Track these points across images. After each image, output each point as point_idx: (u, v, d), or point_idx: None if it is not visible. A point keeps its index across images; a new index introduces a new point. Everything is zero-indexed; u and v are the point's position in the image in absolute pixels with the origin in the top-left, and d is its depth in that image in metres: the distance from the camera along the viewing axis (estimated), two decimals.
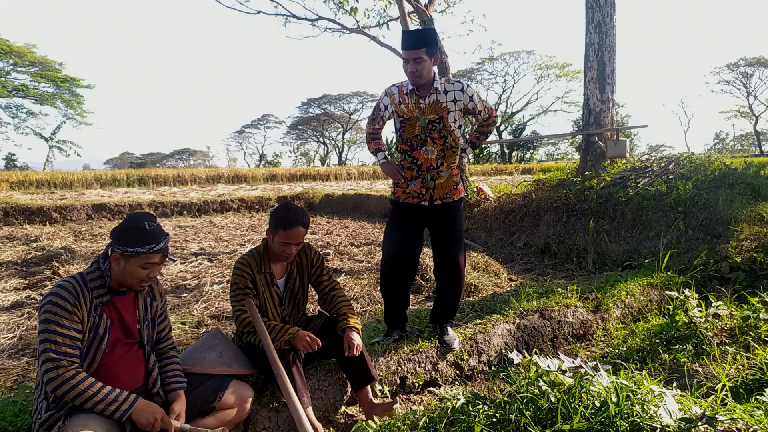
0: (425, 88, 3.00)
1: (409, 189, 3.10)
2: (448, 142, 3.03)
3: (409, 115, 3.03)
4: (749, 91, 43.43)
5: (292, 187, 19.46)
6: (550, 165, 26.30)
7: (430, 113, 2.99)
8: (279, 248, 2.58)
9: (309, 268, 2.80)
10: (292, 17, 12.24)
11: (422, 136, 3.02)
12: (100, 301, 1.98)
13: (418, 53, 2.85)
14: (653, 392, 1.88)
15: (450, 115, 3.00)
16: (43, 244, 7.69)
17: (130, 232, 1.97)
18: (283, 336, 2.48)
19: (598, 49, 7.66)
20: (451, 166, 3.09)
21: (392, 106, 3.08)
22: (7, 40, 29.55)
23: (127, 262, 1.97)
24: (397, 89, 3.08)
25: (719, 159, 7.15)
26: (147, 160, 67.49)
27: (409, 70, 2.91)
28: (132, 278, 2.00)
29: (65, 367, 1.81)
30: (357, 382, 2.64)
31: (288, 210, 2.61)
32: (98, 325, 1.95)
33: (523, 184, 8.77)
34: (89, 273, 2.00)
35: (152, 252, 1.97)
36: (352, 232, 9.42)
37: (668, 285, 4.41)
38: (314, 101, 54.76)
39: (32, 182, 18.53)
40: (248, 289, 2.59)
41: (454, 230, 3.14)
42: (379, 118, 3.22)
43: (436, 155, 3.03)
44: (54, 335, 1.83)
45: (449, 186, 3.10)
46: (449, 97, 2.99)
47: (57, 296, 1.87)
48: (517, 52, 43.20)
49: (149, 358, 2.12)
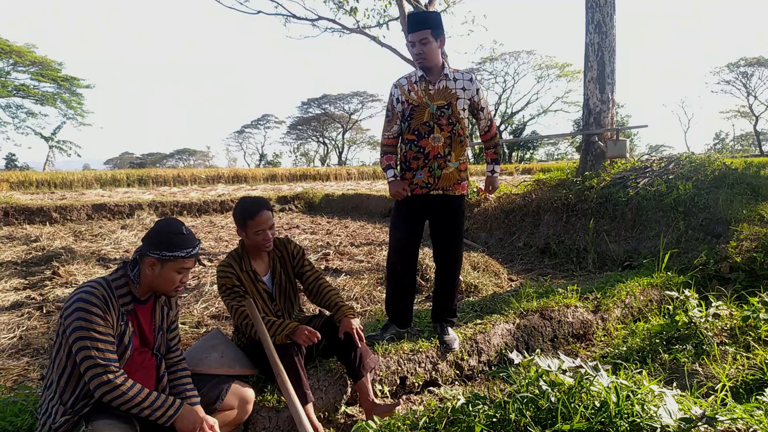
0: (435, 74, 2.99)
1: (415, 180, 3.08)
2: (456, 130, 3.02)
3: (418, 101, 3.01)
4: (749, 91, 43.48)
5: (292, 187, 19.46)
6: (550, 165, 26.30)
7: (439, 99, 2.98)
8: (255, 239, 2.61)
9: (291, 260, 2.84)
10: (292, 17, 12.25)
11: (431, 123, 3.00)
12: (125, 309, 1.97)
13: (423, 34, 2.85)
14: (653, 392, 1.88)
15: (459, 102, 3.00)
16: (43, 244, 7.69)
17: (168, 237, 1.96)
18: (283, 331, 2.49)
19: (598, 49, 7.66)
20: (459, 158, 3.07)
21: (403, 96, 3.05)
22: (7, 40, 29.58)
23: (164, 267, 1.97)
24: (405, 80, 3.07)
25: (719, 159, 7.14)
26: (147, 160, 67.50)
27: (415, 52, 2.91)
28: (167, 283, 2.00)
29: (114, 374, 1.82)
30: (356, 372, 2.61)
31: (246, 201, 2.68)
32: (124, 333, 1.94)
33: (523, 184, 8.77)
34: (114, 280, 1.97)
35: (189, 256, 1.99)
36: (352, 232, 9.42)
37: (668, 285, 4.41)
38: (314, 101, 54.80)
39: (32, 182, 18.54)
40: (236, 287, 2.61)
41: (456, 221, 3.14)
42: (395, 117, 3.13)
43: (443, 142, 3.01)
44: (95, 342, 1.81)
45: (454, 178, 3.08)
46: (458, 84, 3.00)
47: (88, 302, 1.85)
48: (517, 52, 43.27)
49: (160, 365, 2.13)
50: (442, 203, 3.11)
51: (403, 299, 3.24)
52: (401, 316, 3.26)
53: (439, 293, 3.28)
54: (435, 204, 3.11)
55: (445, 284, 3.25)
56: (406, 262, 3.19)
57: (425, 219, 3.20)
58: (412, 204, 3.13)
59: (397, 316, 3.26)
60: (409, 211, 3.15)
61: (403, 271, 3.19)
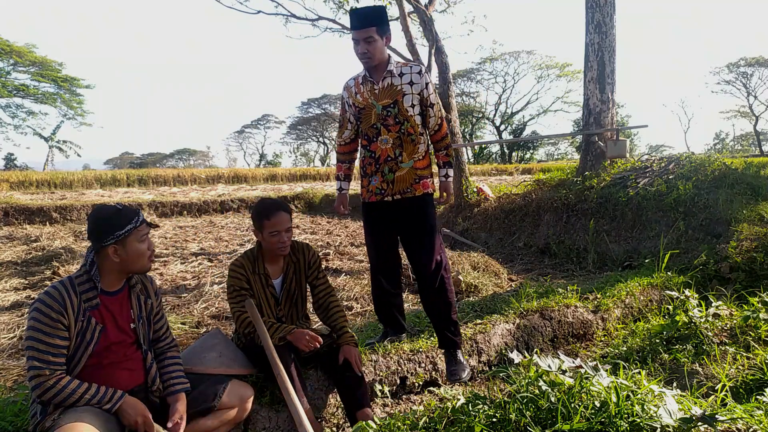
0: (378, 72, 2.79)
1: (370, 186, 2.89)
2: (405, 128, 2.79)
3: (364, 103, 2.82)
4: (749, 91, 43.46)
5: (292, 187, 19.45)
6: (550, 165, 26.30)
7: (384, 98, 2.77)
8: (271, 240, 2.56)
9: (306, 268, 2.76)
10: (292, 17, 12.27)
11: (377, 125, 2.80)
12: (88, 305, 1.97)
13: (368, 32, 2.67)
14: (653, 392, 1.88)
15: (406, 99, 2.77)
16: (43, 244, 7.69)
17: (111, 220, 1.97)
18: (279, 332, 2.48)
19: (598, 49, 7.66)
20: (413, 156, 2.83)
21: (350, 99, 2.89)
22: (7, 40, 29.58)
23: (126, 246, 1.97)
24: (353, 81, 2.90)
25: (719, 159, 7.14)
26: (147, 160, 67.51)
27: (360, 51, 2.72)
28: (139, 258, 2.01)
29: (47, 376, 1.84)
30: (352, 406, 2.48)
31: (264, 201, 2.64)
32: (85, 329, 1.94)
33: (523, 184, 8.77)
34: (78, 277, 2.00)
35: (141, 223, 2.01)
36: (352, 232, 9.42)
37: (668, 285, 4.41)
38: (314, 101, 54.79)
39: (32, 182, 18.53)
40: (244, 290, 2.59)
41: (421, 224, 2.87)
42: (346, 121, 2.99)
43: (392, 144, 2.79)
44: (37, 343, 1.85)
45: (409, 180, 2.83)
46: (405, 79, 2.78)
47: (42, 303, 1.88)
48: (517, 52, 43.25)
49: (146, 356, 2.12)
50: (401, 208, 2.87)
51: (391, 308, 3.13)
52: (394, 322, 3.17)
53: (430, 314, 2.99)
54: (394, 210, 2.88)
55: (432, 303, 2.93)
56: (387, 276, 3.05)
57: (392, 226, 2.95)
58: (373, 214, 2.96)
59: (390, 322, 3.17)
60: (374, 222, 2.97)
61: (387, 285, 3.05)
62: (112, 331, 2.02)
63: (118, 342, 2.04)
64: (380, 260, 3.03)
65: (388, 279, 3.07)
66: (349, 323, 2.76)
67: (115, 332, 2.03)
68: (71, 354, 1.93)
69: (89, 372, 1.97)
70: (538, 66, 43.94)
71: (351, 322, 4.10)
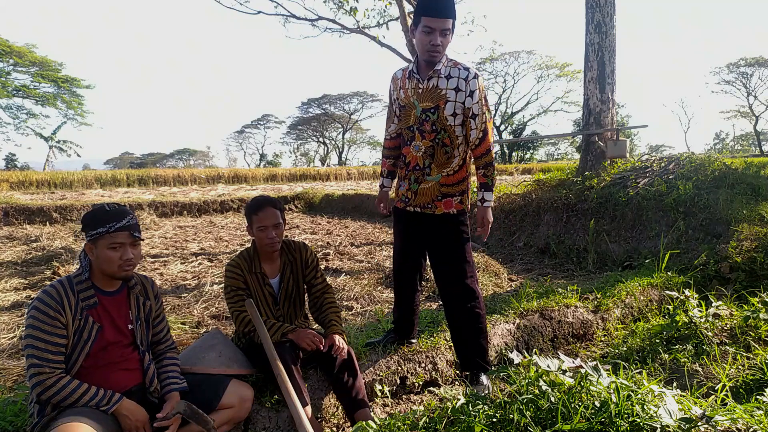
0: (426, 70, 2.49)
1: (399, 191, 2.73)
2: (441, 138, 2.51)
3: (406, 101, 2.57)
4: (749, 91, 43.53)
5: (292, 187, 19.45)
6: (550, 165, 26.31)
7: (426, 100, 2.49)
8: (260, 236, 2.55)
9: (303, 268, 2.76)
10: (292, 17, 12.26)
11: (414, 128, 2.55)
12: (86, 304, 1.97)
13: (447, 23, 2.35)
14: (653, 392, 1.88)
15: (448, 106, 2.47)
16: (43, 244, 7.68)
17: (92, 217, 1.97)
18: (280, 331, 2.48)
19: (598, 49, 7.66)
20: (443, 170, 2.57)
21: (395, 93, 2.66)
22: (7, 40, 29.59)
23: (98, 248, 1.96)
24: (401, 72, 2.66)
25: (719, 159, 7.14)
26: (147, 160, 67.54)
27: (432, 42, 2.36)
28: (108, 264, 1.97)
29: (47, 374, 1.84)
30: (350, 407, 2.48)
31: (256, 198, 2.64)
32: (83, 328, 1.94)
33: (523, 184, 8.77)
34: (76, 276, 2.00)
35: (115, 230, 1.95)
36: (352, 232, 9.42)
37: (668, 285, 4.41)
38: (314, 101, 54.86)
39: (32, 182, 18.55)
40: (241, 290, 2.59)
41: (445, 246, 2.64)
42: (393, 114, 2.74)
43: (423, 152, 2.55)
44: (36, 341, 1.85)
45: (432, 195, 2.60)
46: (451, 84, 2.46)
47: (40, 302, 1.88)
48: (517, 52, 43.31)
49: (144, 357, 2.12)
50: (423, 222, 2.67)
51: (401, 307, 3.02)
52: (400, 325, 3.08)
53: (454, 336, 2.80)
54: (419, 222, 2.70)
55: (457, 327, 2.71)
56: (402, 273, 2.93)
57: (419, 237, 2.77)
58: (402, 219, 2.79)
59: (397, 324, 3.08)
60: (402, 227, 2.81)
61: (402, 280, 2.95)
62: (109, 330, 2.02)
63: (116, 342, 2.04)
64: (403, 259, 2.89)
65: (404, 276, 2.95)
66: (342, 319, 2.75)
67: (113, 332, 2.03)
68: (69, 353, 1.93)
69: (87, 371, 1.97)
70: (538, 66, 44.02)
71: (351, 322, 4.10)
